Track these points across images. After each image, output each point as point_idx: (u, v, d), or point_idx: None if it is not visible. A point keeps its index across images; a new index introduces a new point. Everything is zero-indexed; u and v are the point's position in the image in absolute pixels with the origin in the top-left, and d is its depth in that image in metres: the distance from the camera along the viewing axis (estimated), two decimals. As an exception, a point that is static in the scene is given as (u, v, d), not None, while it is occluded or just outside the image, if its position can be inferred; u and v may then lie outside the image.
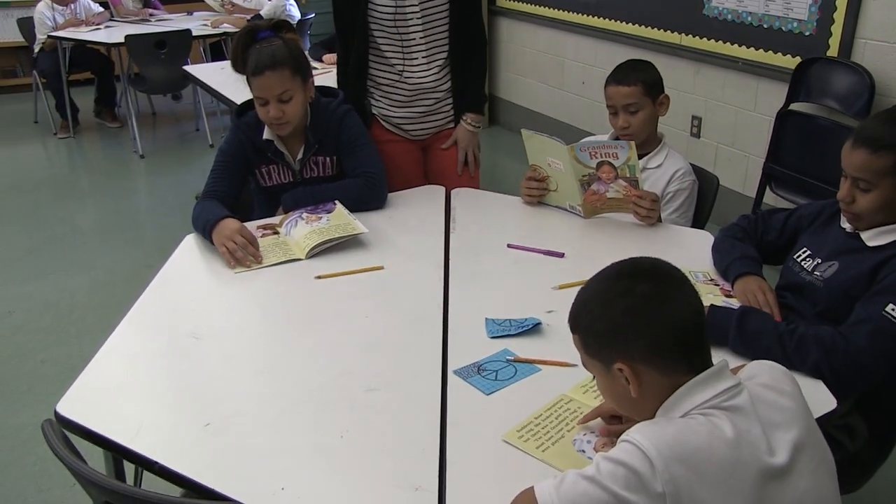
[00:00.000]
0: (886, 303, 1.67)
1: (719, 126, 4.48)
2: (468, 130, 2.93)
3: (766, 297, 1.89)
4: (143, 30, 6.38)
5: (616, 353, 1.25)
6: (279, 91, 2.39)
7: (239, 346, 1.83)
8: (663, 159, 2.56)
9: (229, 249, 2.19)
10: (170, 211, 5.04)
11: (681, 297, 1.25)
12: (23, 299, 3.94)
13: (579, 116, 5.63)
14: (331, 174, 2.61)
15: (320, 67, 4.65)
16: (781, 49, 3.99)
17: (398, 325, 1.90)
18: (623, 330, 1.24)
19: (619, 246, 2.26)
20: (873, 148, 1.75)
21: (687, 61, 4.57)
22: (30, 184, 5.70)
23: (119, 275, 4.12)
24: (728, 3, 4.23)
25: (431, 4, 2.74)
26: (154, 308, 2.01)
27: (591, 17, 5.33)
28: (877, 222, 1.82)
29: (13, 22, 7.29)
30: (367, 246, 2.29)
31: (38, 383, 3.22)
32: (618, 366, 1.24)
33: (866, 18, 3.58)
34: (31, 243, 4.63)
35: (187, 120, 7.14)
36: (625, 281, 1.27)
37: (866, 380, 1.68)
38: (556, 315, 1.84)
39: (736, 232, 2.14)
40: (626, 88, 2.50)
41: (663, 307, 1.23)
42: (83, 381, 1.68)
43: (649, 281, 1.25)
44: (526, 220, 2.52)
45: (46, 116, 6.88)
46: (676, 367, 1.23)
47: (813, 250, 1.96)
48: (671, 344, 1.23)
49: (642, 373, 1.23)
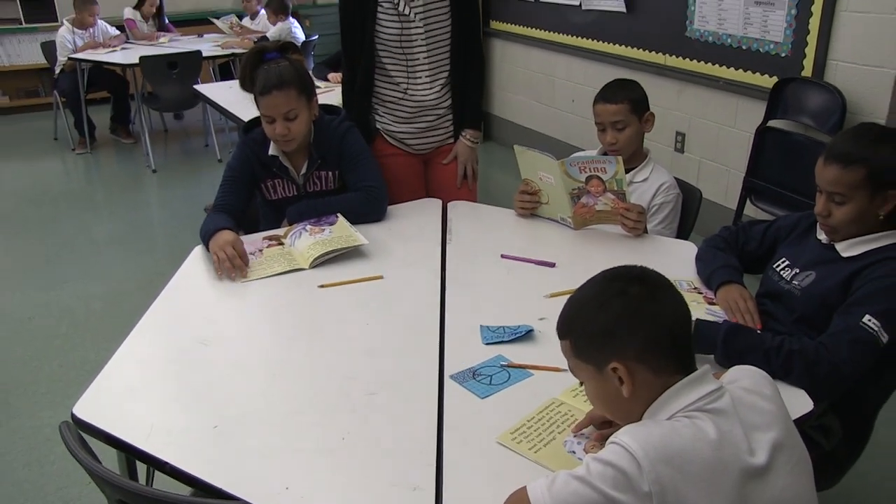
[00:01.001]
0: (863, 313, 1.67)
1: (702, 142, 4.48)
2: (467, 145, 2.93)
3: (747, 304, 1.89)
4: (157, 51, 6.40)
5: (611, 352, 1.24)
6: (285, 109, 2.39)
7: (245, 352, 1.82)
8: (649, 173, 2.56)
9: (219, 259, 2.18)
10: (180, 222, 5.03)
11: (671, 297, 1.26)
12: (42, 306, 3.93)
13: (569, 132, 5.63)
14: (333, 188, 2.61)
15: (324, 86, 4.66)
16: (759, 69, 4.00)
17: (397, 331, 1.90)
18: (619, 328, 1.23)
19: (607, 256, 2.26)
20: (844, 163, 1.75)
21: (671, 80, 4.57)
22: (49, 197, 5.69)
23: (132, 283, 4.12)
24: (709, 25, 4.24)
25: (435, 27, 2.75)
26: (165, 315, 2.00)
27: (580, 38, 5.34)
28: (851, 234, 1.82)
29: (37, 46, 7.33)
30: (368, 256, 2.28)
31: (56, 386, 3.21)
32: (612, 365, 1.23)
33: (837, 42, 3.59)
34: (49, 253, 4.62)
35: (197, 136, 7.14)
36: (617, 283, 1.27)
37: (844, 385, 1.68)
38: (548, 322, 1.83)
39: (718, 242, 2.14)
40: (613, 106, 2.50)
41: (657, 305, 1.23)
42: (98, 385, 1.67)
43: (641, 283, 1.25)
44: (519, 231, 2.52)
45: (65, 133, 6.88)
46: (668, 366, 1.22)
47: (791, 260, 1.96)
48: (665, 341, 1.23)
49: (636, 372, 1.22)
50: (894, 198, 1.75)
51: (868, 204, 1.76)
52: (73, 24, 6.61)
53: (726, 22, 4.12)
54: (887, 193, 1.75)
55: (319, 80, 4.72)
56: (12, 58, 8.16)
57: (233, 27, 7.08)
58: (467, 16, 2.80)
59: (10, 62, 8.16)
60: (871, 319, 1.66)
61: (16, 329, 3.72)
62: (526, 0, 5.80)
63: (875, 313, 1.67)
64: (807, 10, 3.67)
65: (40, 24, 7.97)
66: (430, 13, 2.72)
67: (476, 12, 2.86)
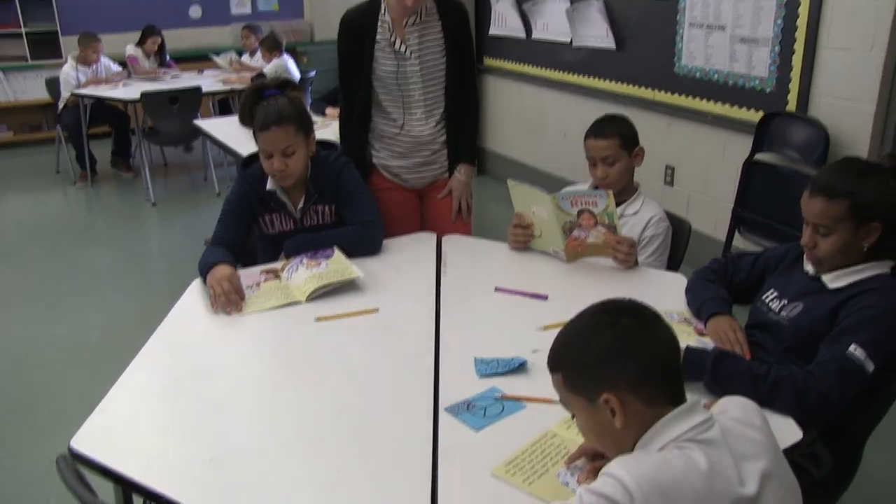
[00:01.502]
0: (849, 343, 1.69)
1: (691, 175, 4.51)
2: (462, 180, 2.94)
3: (737, 335, 1.89)
4: (158, 87, 6.43)
5: (602, 383, 1.23)
6: (284, 145, 2.40)
7: (243, 385, 1.81)
8: (639, 206, 2.57)
9: (215, 293, 2.18)
10: (179, 255, 5.02)
11: (660, 329, 1.26)
12: (41, 338, 3.91)
13: (561, 166, 5.65)
14: (330, 222, 2.61)
15: (321, 122, 4.68)
16: (746, 104, 4.04)
17: (392, 364, 1.89)
18: (610, 359, 1.23)
19: (599, 288, 2.26)
20: (829, 196, 1.77)
21: (660, 115, 4.61)
22: (50, 229, 5.69)
23: (131, 316, 4.10)
24: (696, 62, 4.28)
25: (430, 65, 2.77)
26: (163, 348, 2.00)
27: (571, 74, 5.38)
28: (837, 265, 1.83)
29: (41, 81, 7.37)
30: (364, 289, 2.28)
31: (54, 419, 3.17)
32: (604, 397, 1.22)
33: (819, 78, 3.63)
34: (49, 285, 4.60)
35: (196, 170, 7.15)
36: (607, 315, 1.27)
37: (832, 413, 1.70)
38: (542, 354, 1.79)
39: (708, 274, 2.15)
40: (603, 142, 2.52)
41: (647, 337, 1.24)
42: (96, 418, 1.66)
43: (630, 316, 1.26)
44: (512, 264, 2.52)
45: (67, 167, 6.89)
46: (659, 397, 1.22)
47: (779, 292, 1.96)
48: (656, 371, 1.23)
49: (628, 402, 1.22)
50: (877, 230, 1.77)
51: (852, 236, 1.78)
52: (76, 60, 6.66)
53: (713, 58, 4.17)
54: (870, 225, 1.77)
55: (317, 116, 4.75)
56: (17, 93, 8.20)
57: (232, 63, 7.13)
58: (462, 53, 2.83)
59: (15, 98, 8.20)
60: (857, 348, 1.67)
61: (13, 361, 3.69)
62: (518, 38, 5.85)
63: (861, 342, 1.68)
64: (789, 47, 3.72)
65: (46, 62, 8.03)
66: (425, 51, 2.74)
67: (470, 50, 2.89)
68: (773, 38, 3.80)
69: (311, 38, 9.49)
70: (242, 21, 8.45)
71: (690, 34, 4.28)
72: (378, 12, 2.73)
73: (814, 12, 3.57)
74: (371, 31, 2.73)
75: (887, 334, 1.71)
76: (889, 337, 1.72)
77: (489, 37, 6.19)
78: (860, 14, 3.40)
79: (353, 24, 2.76)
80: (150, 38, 7.21)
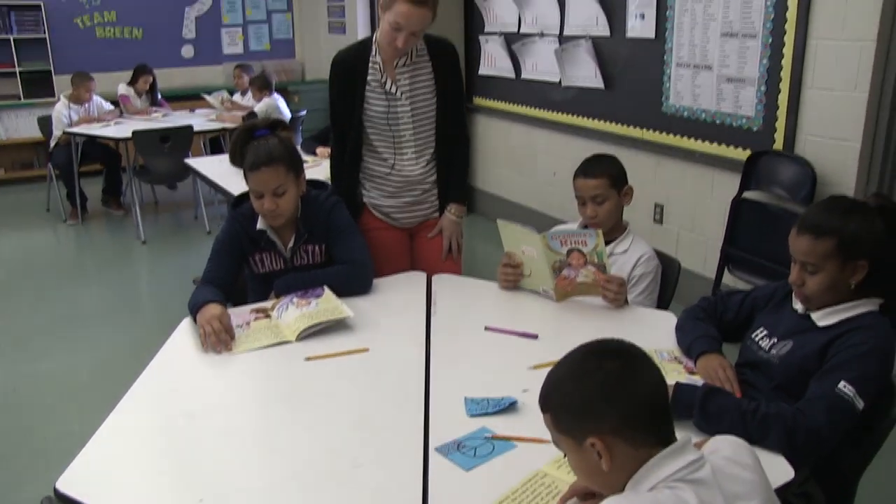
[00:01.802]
0: (839, 379, 1.69)
1: (680, 213, 4.54)
2: (452, 219, 2.96)
3: (727, 373, 1.89)
4: (149, 125, 6.46)
5: (588, 428, 1.24)
6: (274, 185, 2.41)
7: (232, 424, 1.80)
8: (629, 245, 2.59)
9: (206, 332, 2.18)
10: (169, 294, 4.99)
11: (647, 372, 1.26)
12: (28, 377, 3.88)
13: (551, 205, 5.69)
14: (320, 262, 2.61)
15: (311, 161, 4.70)
16: (733, 143, 4.09)
17: (382, 404, 1.88)
18: (595, 405, 1.23)
19: (589, 327, 2.26)
20: (816, 234, 1.79)
21: (648, 154, 4.65)
22: (40, 267, 5.67)
23: (119, 354, 4.07)
24: (684, 101, 4.34)
25: (421, 105, 2.80)
26: (152, 387, 1.98)
27: (560, 113, 5.44)
28: (825, 302, 1.84)
29: (34, 120, 7.41)
30: (354, 329, 2.27)
31: (39, 459, 3.14)
32: (590, 441, 1.23)
33: (805, 117, 3.69)
34: (38, 323, 4.58)
35: (187, 208, 7.15)
36: (594, 359, 1.27)
37: (823, 451, 1.69)
38: (532, 394, 1.81)
39: (697, 313, 2.16)
40: (593, 181, 2.54)
41: (632, 381, 1.24)
42: (83, 458, 1.65)
43: (617, 358, 1.26)
44: (502, 303, 2.52)
45: (58, 205, 6.88)
46: (646, 440, 1.22)
47: (769, 330, 1.97)
48: (641, 416, 1.23)
49: (613, 446, 1.22)
50: (864, 267, 1.79)
51: (839, 273, 1.79)
52: (69, 99, 6.69)
53: (700, 98, 4.23)
54: (857, 263, 1.78)
55: (307, 155, 4.78)
56: (10, 132, 8.23)
57: (223, 103, 7.18)
58: (452, 94, 2.86)
59: (7, 136, 8.23)
60: (847, 385, 1.68)
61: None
62: (508, 77, 5.92)
63: (850, 379, 1.68)
64: (775, 87, 3.78)
65: (38, 100, 8.08)
66: (416, 92, 2.77)
67: (460, 91, 2.92)
68: (758, 77, 3.87)
69: (303, 77, 9.59)
70: (234, 60, 8.54)
71: (678, 74, 4.34)
72: (369, 53, 2.76)
73: (798, 53, 3.64)
74: (362, 71, 2.76)
75: (877, 371, 1.72)
76: (879, 374, 1.73)
77: (479, 76, 6.26)
78: (842, 55, 3.46)
79: (344, 65, 2.79)
80: (141, 78, 7.26)
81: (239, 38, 9.27)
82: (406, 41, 2.60)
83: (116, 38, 8.60)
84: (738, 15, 3.92)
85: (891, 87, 3.37)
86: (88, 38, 8.45)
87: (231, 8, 9.15)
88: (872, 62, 3.35)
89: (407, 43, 2.60)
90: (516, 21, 5.67)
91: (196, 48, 9.04)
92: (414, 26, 2.57)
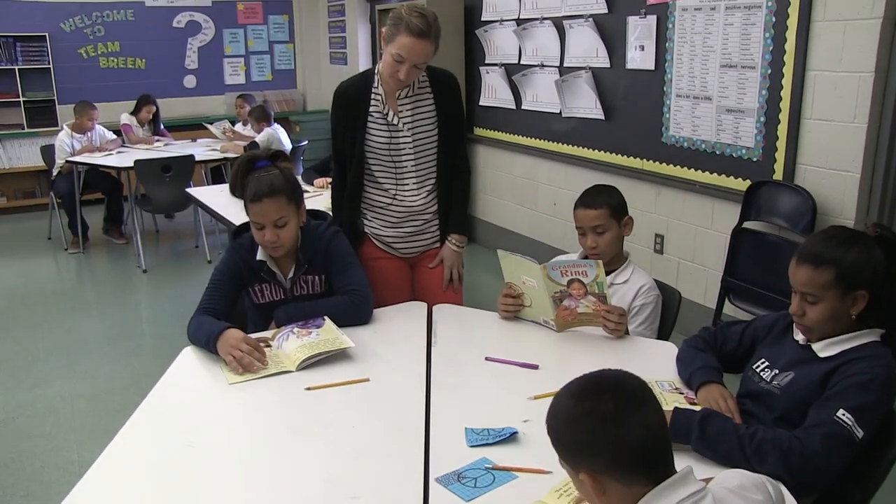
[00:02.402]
0: (837, 408, 1.69)
1: (680, 243, 4.55)
2: (453, 250, 2.97)
3: (728, 404, 1.89)
4: (151, 155, 6.50)
5: (580, 464, 1.25)
6: (275, 217, 2.42)
7: (232, 455, 1.80)
8: (629, 275, 2.59)
9: (236, 357, 2.18)
10: (169, 323, 5.00)
11: (643, 412, 1.25)
12: (26, 405, 3.87)
13: (551, 235, 5.70)
14: (320, 292, 2.61)
15: (311, 191, 4.72)
16: (733, 173, 4.11)
17: (382, 434, 1.88)
18: (584, 447, 1.25)
19: (589, 358, 2.26)
20: (815, 264, 1.80)
21: (649, 184, 4.67)
22: (40, 295, 5.67)
23: (119, 383, 4.06)
24: (683, 132, 4.37)
25: (422, 136, 2.82)
26: (152, 417, 1.98)
27: (561, 144, 5.47)
28: (826, 333, 1.84)
29: (37, 149, 7.50)
30: (354, 359, 2.27)
31: (37, 489, 3.11)
32: (581, 476, 1.24)
33: (804, 147, 3.71)
34: (37, 351, 4.57)
35: (188, 238, 7.18)
36: (587, 401, 1.26)
37: (821, 481, 1.68)
38: (532, 424, 1.82)
39: (698, 343, 2.16)
40: (593, 212, 2.55)
41: (620, 429, 1.22)
42: (82, 488, 1.64)
43: (611, 400, 1.24)
44: (503, 333, 2.52)
45: (59, 233, 6.92)
46: (638, 480, 1.22)
47: (770, 361, 1.97)
48: (629, 461, 1.23)
49: (604, 482, 1.23)
50: (864, 297, 1.78)
51: (839, 303, 1.79)
52: (72, 128, 6.75)
53: (699, 128, 4.25)
54: (857, 293, 1.78)
55: (308, 185, 4.80)
56: (13, 160, 8.29)
57: (225, 132, 7.23)
58: (453, 125, 2.88)
59: (10, 165, 8.29)
60: (846, 414, 1.67)
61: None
62: (508, 108, 5.96)
63: (849, 408, 1.68)
64: (775, 118, 3.80)
65: (41, 129, 8.16)
66: (417, 123, 2.80)
67: (461, 122, 2.95)
68: (758, 108, 3.89)
69: (304, 107, 9.66)
70: (236, 90, 8.63)
71: (677, 105, 4.38)
72: (371, 84, 2.79)
73: (797, 84, 3.67)
74: (364, 102, 2.79)
75: (877, 401, 1.72)
76: (879, 403, 1.72)
77: (480, 107, 6.31)
78: (841, 87, 3.49)
79: (346, 96, 2.82)
80: (144, 107, 7.32)
81: (241, 69, 9.36)
82: (408, 73, 2.62)
83: (120, 68, 8.69)
84: (736, 47, 3.96)
85: (889, 118, 3.40)
86: (92, 69, 8.55)
87: (233, 39, 9.24)
88: (871, 93, 3.38)
89: (409, 75, 2.63)
90: (517, 52, 5.72)
91: (198, 78, 9.12)
92: (416, 59, 2.60)
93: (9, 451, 3.43)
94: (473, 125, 6.43)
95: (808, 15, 3.58)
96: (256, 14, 9.33)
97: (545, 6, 5.33)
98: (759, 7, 3.80)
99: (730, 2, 3.96)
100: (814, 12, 3.56)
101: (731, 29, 3.98)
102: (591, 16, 4.91)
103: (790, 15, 3.66)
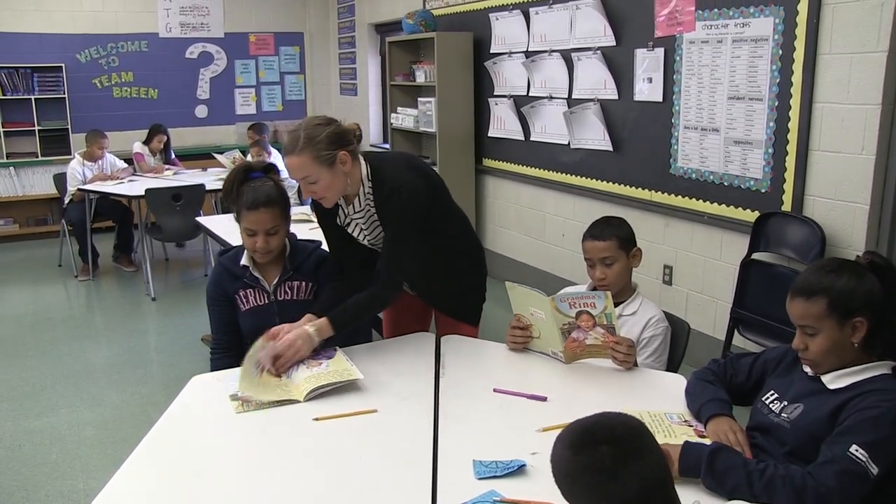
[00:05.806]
0: (850, 443, 1.67)
1: (689, 274, 4.54)
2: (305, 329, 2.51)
3: (738, 437, 1.87)
4: (162, 184, 6.55)
5: None
6: (269, 226, 2.54)
7: (240, 485, 1.79)
8: (638, 307, 2.59)
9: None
10: (178, 351, 5.00)
11: (635, 469, 1.23)
12: (33, 433, 3.86)
13: (560, 266, 5.70)
14: (304, 298, 2.67)
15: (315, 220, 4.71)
16: (741, 204, 4.10)
17: (390, 465, 1.87)
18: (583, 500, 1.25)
19: (598, 390, 2.25)
20: (807, 295, 1.81)
21: (657, 215, 4.67)
22: (49, 322, 5.69)
23: (127, 412, 4.06)
24: (692, 163, 4.38)
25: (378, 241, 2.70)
26: (160, 445, 1.98)
27: (569, 175, 5.48)
28: (833, 365, 1.83)
29: (49, 177, 7.57)
30: (362, 389, 2.27)
31: (44, 518, 3.11)
32: None
33: (812, 179, 3.71)
34: (45, 379, 4.57)
35: (197, 266, 7.20)
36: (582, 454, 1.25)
37: (833, 519, 1.65)
38: (541, 457, 1.81)
39: (707, 375, 2.14)
40: (601, 243, 2.55)
41: (615, 485, 1.21)
42: (87, 520, 1.64)
43: (606, 454, 1.23)
44: (511, 365, 2.51)
45: (70, 260, 6.95)
46: None
47: (779, 393, 1.95)
48: None
49: None
50: (862, 325, 1.78)
51: (838, 333, 1.79)
52: (83, 157, 6.82)
53: (708, 160, 4.26)
54: (854, 321, 1.77)
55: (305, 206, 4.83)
56: (26, 188, 8.37)
57: (235, 162, 7.26)
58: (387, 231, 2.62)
59: (23, 192, 8.36)
60: (859, 450, 1.65)
61: (4, 457, 3.63)
62: (517, 139, 5.99)
63: (862, 444, 1.66)
64: (783, 149, 3.81)
65: (55, 157, 8.24)
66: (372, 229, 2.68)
67: (395, 234, 2.57)
68: (766, 140, 3.90)
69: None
70: (247, 120, 8.68)
71: (685, 136, 4.39)
72: None
73: (804, 116, 3.68)
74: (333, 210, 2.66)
75: (891, 436, 1.69)
76: (893, 438, 1.69)
77: (488, 138, 6.34)
78: (848, 119, 3.50)
79: None
80: (156, 137, 7.41)
81: (252, 99, 9.44)
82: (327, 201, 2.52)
83: (133, 97, 8.78)
84: (744, 79, 3.98)
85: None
86: (106, 98, 8.64)
87: (245, 69, 9.34)
88: (878, 125, 3.38)
89: (329, 202, 2.52)
90: (525, 84, 5.76)
91: (210, 108, 9.20)
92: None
93: (14, 478, 3.42)
94: (482, 156, 6.46)
95: (814, 48, 3.60)
96: (268, 45, 9.42)
97: (554, 39, 5.37)
98: (766, 40, 3.83)
99: (737, 34, 3.99)
100: (820, 45, 3.58)
101: (739, 61, 4.00)
102: (600, 48, 4.94)
103: (797, 48, 3.68)
